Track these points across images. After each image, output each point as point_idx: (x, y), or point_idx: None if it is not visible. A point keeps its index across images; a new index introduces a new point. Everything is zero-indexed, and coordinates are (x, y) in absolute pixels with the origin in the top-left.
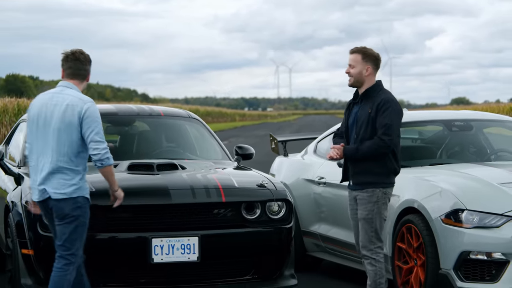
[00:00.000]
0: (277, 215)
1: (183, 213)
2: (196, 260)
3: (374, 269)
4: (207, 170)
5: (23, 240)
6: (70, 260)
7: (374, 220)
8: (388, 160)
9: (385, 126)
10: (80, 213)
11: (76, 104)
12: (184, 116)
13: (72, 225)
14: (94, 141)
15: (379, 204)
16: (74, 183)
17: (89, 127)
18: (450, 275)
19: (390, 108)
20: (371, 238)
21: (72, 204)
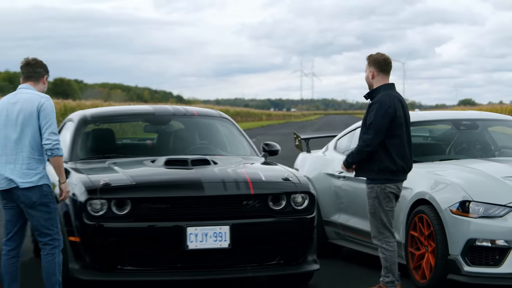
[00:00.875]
0: (301, 206)
1: (215, 204)
2: (227, 247)
3: (385, 256)
4: (236, 165)
5: (70, 228)
6: (53, 244)
7: (378, 213)
8: (379, 159)
9: (365, 126)
10: (47, 200)
11: (35, 98)
12: (215, 115)
13: (44, 211)
14: (48, 131)
15: (380, 199)
16: (39, 172)
17: (44, 118)
18: (458, 260)
19: (375, 109)
20: (379, 229)
21: (39, 192)
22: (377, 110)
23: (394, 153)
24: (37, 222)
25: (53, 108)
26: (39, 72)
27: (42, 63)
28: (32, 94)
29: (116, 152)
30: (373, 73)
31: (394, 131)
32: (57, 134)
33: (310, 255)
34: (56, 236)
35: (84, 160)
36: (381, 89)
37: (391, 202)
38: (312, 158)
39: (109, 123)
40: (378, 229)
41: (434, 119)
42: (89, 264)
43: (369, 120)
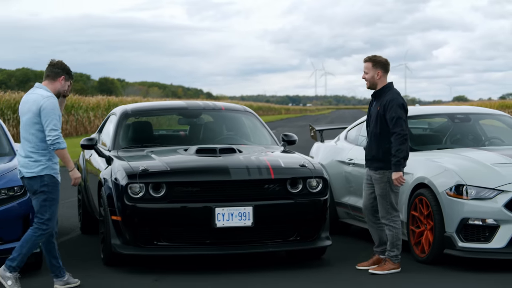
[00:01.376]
0: (315, 189)
1: (240, 187)
2: (250, 225)
3: (392, 233)
4: (259, 153)
5: (112, 208)
6: (39, 227)
7: (388, 196)
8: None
9: (393, 120)
10: (47, 189)
11: (38, 100)
12: (240, 110)
13: (41, 199)
14: (48, 129)
15: (390, 183)
16: (42, 164)
17: (44, 117)
18: (453, 237)
19: (394, 105)
20: (388, 209)
21: (39, 182)
22: (398, 106)
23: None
24: (35, 206)
25: (54, 106)
26: (57, 72)
27: (62, 65)
28: (37, 96)
29: (153, 142)
30: (380, 74)
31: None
32: (56, 130)
33: (324, 232)
34: (46, 222)
35: (125, 148)
36: (388, 87)
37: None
38: (326, 147)
39: (147, 117)
40: (386, 210)
41: (432, 113)
42: (129, 240)
43: (394, 116)
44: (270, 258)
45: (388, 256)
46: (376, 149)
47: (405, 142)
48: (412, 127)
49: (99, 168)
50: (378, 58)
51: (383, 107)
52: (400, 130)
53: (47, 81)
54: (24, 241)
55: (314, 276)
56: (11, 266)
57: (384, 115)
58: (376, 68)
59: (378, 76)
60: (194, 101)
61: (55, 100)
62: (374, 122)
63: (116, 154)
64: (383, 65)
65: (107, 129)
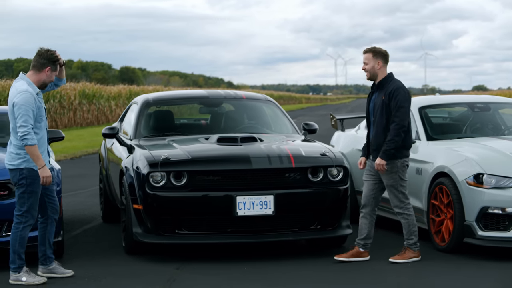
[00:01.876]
0: (336, 178)
1: (261, 176)
2: (271, 214)
3: (407, 221)
4: (280, 142)
5: (134, 197)
6: (19, 220)
7: (398, 185)
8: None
9: (396, 107)
10: (25, 182)
11: (13, 94)
12: (261, 99)
13: (20, 191)
14: (18, 125)
15: (400, 172)
16: (21, 157)
17: (16, 112)
18: (472, 225)
19: (399, 94)
20: (400, 198)
21: (19, 174)
22: (402, 95)
23: (410, 132)
24: (15, 197)
25: (26, 101)
26: (42, 63)
27: (49, 55)
28: (14, 89)
29: (174, 131)
30: (380, 64)
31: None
32: (25, 126)
33: (344, 221)
34: (25, 214)
35: (147, 137)
36: (390, 77)
37: (406, 173)
38: (346, 136)
39: (169, 105)
40: (399, 199)
41: (452, 102)
42: (150, 229)
43: (397, 104)
44: (291, 246)
45: (407, 244)
46: (384, 139)
47: (401, 134)
48: (432, 116)
49: (120, 157)
50: (378, 49)
51: (388, 96)
52: (400, 120)
53: (32, 72)
54: (12, 240)
55: (334, 264)
56: (15, 268)
57: (389, 104)
58: (377, 58)
59: (378, 67)
60: (215, 90)
61: (29, 95)
62: (379, 112)
63: (137, 143)
64: (383, 56)
65: (128, 118)
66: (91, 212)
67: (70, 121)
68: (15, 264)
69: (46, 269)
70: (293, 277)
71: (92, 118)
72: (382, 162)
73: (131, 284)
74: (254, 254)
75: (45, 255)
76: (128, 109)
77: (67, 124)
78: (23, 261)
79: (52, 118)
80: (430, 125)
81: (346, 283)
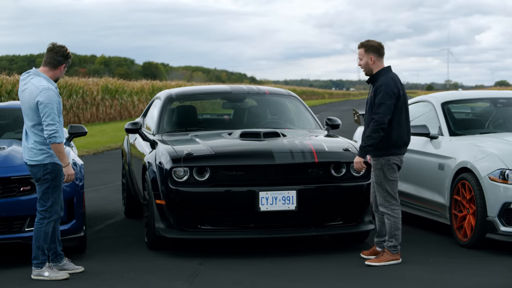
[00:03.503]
0: (359, 173)
1: (284, 171)
2: (294, 209)
3: (390, 222)
4: (303, 137)
5: (156, 192)
6: (43, 215)
7: (383, 183)
8: (386, 136)
9: (377, 104)
10: (50, 177)
11: (34, 92)
12: (284, 94)
13: (44, 186)
14: (45, 124)
15: (384, 170)
16: (44, 152)
17: (42, 111)
18: (495, 221)
19: (382, 91)
20: (385, 197)
21: (43, 170)
22: (384, 92)
23: (399, 130)
24: (38, 193)
25: (51, 99)
26: (59, 60)
27: (64, 52)
28: (34, 87)
29: (197, 126)
30: (373, 59)
31: (398, 110)
32: (53, 125)
33: (367, 217)
34: (49, 209)
35: (170, 133)
36: (382, 72)
37: (395, 172)
38: None
39: (192, 101)
40: (384, 197)
41: (475, 98)
42: (173, 224)
43: (378, 101)
44: (313, 242)
45: (386, 246)
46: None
47: (379, 130)
48: (454, 112)
49: (143, 152)
50: (370, 43)
51: (374, 92)
52: (379, 117)
53: (48, 68)
54: (36, 235)
55: (355, 260)
56: (38, 264)
57: (375, 101)
58: (369, 53)
59: (372, 61)
60: (238, 85)
61: (52, 92)
62: (369, 109)
63: (160, 138)
64: (375, 49)
65: (151, 113)
66: (113, 208)
67: (92, 116)
68: (38, 259)
69: (57, 266)
70: (315, 273)
71: (115, 113)
72: (359, 159)
73: (154, 279)
74: (276, 249)
75: (55, 252)
76: (151, 104)
77: (90, 119)
78: (45, 256)
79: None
80: (453, 120)
81: (367, 279)
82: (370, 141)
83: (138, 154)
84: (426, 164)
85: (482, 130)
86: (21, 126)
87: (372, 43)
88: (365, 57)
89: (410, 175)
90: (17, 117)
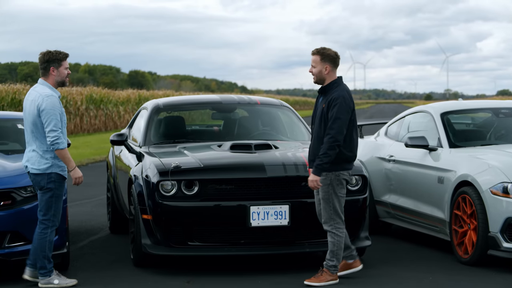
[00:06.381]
0: (355, 187)
1: (276, 185)
2: (287, 225)
3: (334, 241)
4: (296, 149)
5: (143, 207)
6: (46, 224)
7: (331, 200)
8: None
9: (331, 119)
10: (53, 186)
11: (36, 99)
12: (276, 104)
13: (47, 195)
14: (47, 130)
15: (333, 185)
16: (48, 162)
17: (44, 117)
18: (497, 237)
19: (338, 104)
20: (330, 215)
21: (46, 179)
22: (340, 106)
23: (351, 144)
24: (40, 201)
25: (53, 105)
26: (44, 66)
27: (46, 56)
28: (36, 94)
29: (186, 138)
30: (328, 68)
31: (351, 123)
32: (55, 131)
33: (363, 232)
34: (52, 218)
35: (157, 144)
36: (336, 83)
37: (344, 188)
38: (365, 143)
39: (180, 111)
40: (330, 215)
41: (476, 108)
42: (160, 240)
43: (333, 115)
44: (307, 258)
45: (326, 266)
46: (319, 150)
47: (335, 147)
48: (455, 123)
49: (129, 164)
50: (327, 51)
51: (328, 105)
52: (335, 133)
53: (44, 78)
54: (41, 246)
55: (352, 277)
56: (46, 272)
57: (327, 114)
58: (325, 62)
59: (326, 71)
60: (228, 95)
61: (55, 99)
62: (318, 121)
63: (147, 150)
64: (332, 59)
65: (137, 124)
66: (98, 223)
67: (76, 127)
68: (46, 268)
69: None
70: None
71: (100, 124)
72: (314, 178)
73: None
74: (268, 266)
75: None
76: (138, 115)
77: (74, 130)
78: (52, 264)
79: None
80: (453, 131)
81: None
82: (326, 159)
83: (123, 167)
84: (425, 177)
85: (484, 142)
86: (4, 137)
87: (329, 52)
88: (319, 65)
89: (408, 189)
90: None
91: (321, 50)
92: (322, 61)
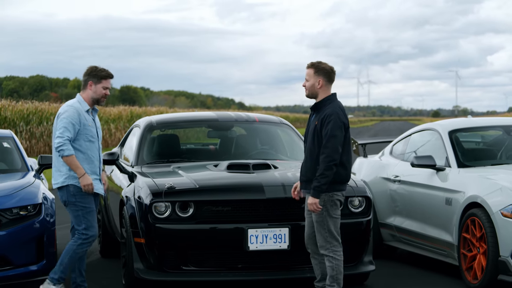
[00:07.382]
0: (358, 209)
1: (275, 206)
2: (286, 248)
3: (332, 265)
4: (296, 169)
5: (135, 230)
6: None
7: (325, 222)
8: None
9: (326, 136)
10: (75, 199)
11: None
12: (276, 122)
13: (73, 209)
14: (55, 136)
15: (327, 207)
16: (63, 174)
17: (56, 123)
18: (508, 262)
19: (332, 122)
20: (326, 238)
21: (66, 192)
22: (334, 123)
23: (346, 163)
24: (70, 217)
25: (68, 114)
26: (85, 80)
27: (88, 70)
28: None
29: (180, 157)
30: (321, 83)
31: (345, 141)
32: (60, 137)
33: (366, 256)
34: (84, 231)
35: (150, 164)
36: (329, 99)
37: (338, 209)
38: (369, 162)
39: (174, 129)
40: (325, 238)
41: (486, 125)
42: (153, 265)
43: (328, 133)
44: (308, 284)
45: None
46: (313, 169)
47: (332, 167)
48: (464, 141)
49: (120, 185)
50: (322, 65)
51: (321, 122)
52: (331, 151)
53: (82, 91)
54: (65, 251)
55: None
56: (54, 278)
57: (321, 131)
58: (318, 75)
59: (319, 85)
60: (225, 112)
61: (73, 109)
62: (311, 138)
63: (139, 170)
64: (326, 73)
65: (129, 142)
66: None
67: None
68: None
69: None
70: None
71: None
72: (314, 201)
73: None
74: None
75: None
76: (130, 133)
77: None
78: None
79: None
80: (462, 150)
81: None
82: (324, 180)
83: (115, 188)
84: (432, 198)
85: (494, 161)
86: None
87: (324, 66)
88: (313, 78)
89: (414, 210)
90: None
91: (316, 63)
92: (315, 74)
